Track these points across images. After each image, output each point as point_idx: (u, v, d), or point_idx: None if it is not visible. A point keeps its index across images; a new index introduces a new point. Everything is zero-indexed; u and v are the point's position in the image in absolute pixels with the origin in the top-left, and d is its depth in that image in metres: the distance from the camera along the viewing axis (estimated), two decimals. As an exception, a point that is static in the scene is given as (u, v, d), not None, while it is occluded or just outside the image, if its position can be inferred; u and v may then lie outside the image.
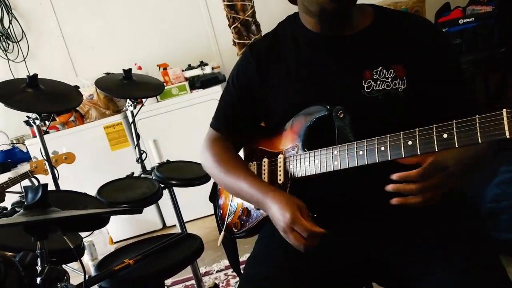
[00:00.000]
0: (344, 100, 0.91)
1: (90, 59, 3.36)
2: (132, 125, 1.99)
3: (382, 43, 0.93)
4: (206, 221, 2.91)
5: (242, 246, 1.26)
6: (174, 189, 1.87)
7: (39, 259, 0.73)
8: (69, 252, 1.02)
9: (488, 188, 1.52)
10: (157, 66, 3.08)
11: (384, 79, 0.91)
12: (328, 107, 0.90)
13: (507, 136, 0.64)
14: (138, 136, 2.00)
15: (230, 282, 2.10)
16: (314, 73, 0.96)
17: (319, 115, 0.92)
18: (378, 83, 0.91)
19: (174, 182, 1.74)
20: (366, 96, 0.91)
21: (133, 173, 1.89)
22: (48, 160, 1.76)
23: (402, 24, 0.95)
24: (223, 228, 1.14)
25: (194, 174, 1.81)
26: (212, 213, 1.23)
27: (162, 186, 1.72)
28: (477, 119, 0.68)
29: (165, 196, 1.79)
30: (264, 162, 1.06)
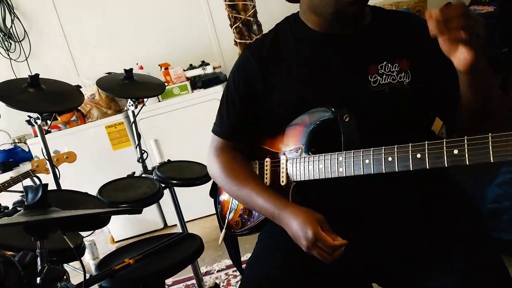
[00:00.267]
0: (351, 97, 0.92)
1: (92, 59, 3.37)
2: (133, 125, 1.99)
3: (384, 39, 0.94)
4: (207, 220, 2.91)
5: (243, 246, 1.26)
6: (175, 188, 1.87)
7: (39, 258, 0.73)
8: (69, 252, 1.03)
9: (489, 188, 1.51)
10: (158, 65, 3.09)
11: (390, 73, 0.91)
12: (333, 110, 0.89)
13: None
14: (139, 136, 2.00)
15: (231, 282, 2.10)
16: (317, 72, 0.96)
17: (324, 118, 0.91)
18: (384, 77, 0.91)
19: (174, 182, 1.75)
20: (374, 91, 0.91)
21: (134, 172, 1.89)
22: (49, 159, 1.76)
23: (402, 21, 0.96)
24: (224, 226, 1.13)
25: (194, 174, 1.81)
26: (213, 212, 1.22)
27: (163, 186, 1.73)
28: (490, 137, 0.66)
29: (166, 195, 1.80)
30: (267, 162, 1.05)
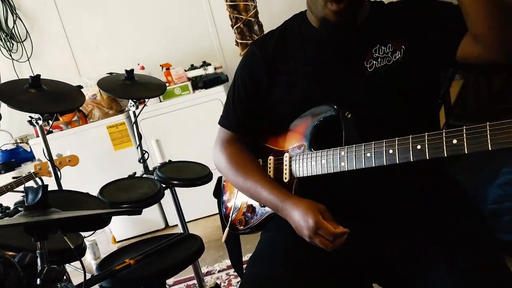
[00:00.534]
0: (351, 91, 0.93)
1: (93, 59, 3.38)
2: (134, 125, 1.99)
3: (379, 28, 0.95)
4: (208, 221, 2.92)
5: (243, 247, 1.26)
6: (176, 189, 1.87)
7: (38, 259, 0.73)
8: (70, 252, 1.03)
9: (490, 189, 1.51)
10: (159, 66, 3.09)
11: (384, 55, 0.92)
12: (336, 107, 0.91)
13: None
14: (140, 136, 2.01)
15: (231, 282, 2.10)
16: (319, 70, 0.98)
17: (326, 115, 0.93)
18: (379, 60, 0.92)
19: (175, 182, 1.75)
20: (370, 75, 0.92)
21: (135, 173, 1.89)
22: (51, 159, 1.76)
23: (399, 7, 0.97)
24: (228, 225, 1.14)
25: (195, 174, 1.81)
26: (214, 213, 1.24)
27: (164, 186, 1.73)
28: (487, 126, 0.67)
29: (167, 196, 1.80)
30: (270, 160, 1.06)
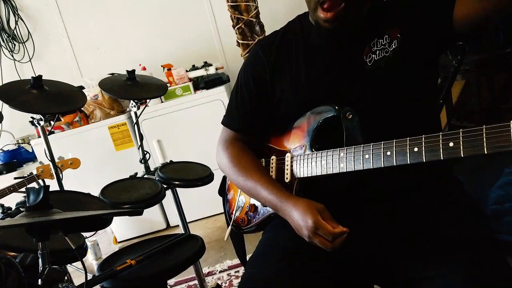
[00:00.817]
0: (351, 89, 0.93)
1: (95, 60, 3.39)
2: (135, 126, 2.00)
3: (375, 21, 0.95)
4: (209, 221, 2.92)
5: (246, 246, 1.26)
6: (178, 189, 1.87)
7: (40, 259, 0.73)
8: (71, 252, 1.03)
9: (492, 190, 1.51)
10: (161, 66, 3.10)
11: (382, 47, 0.93)
12: (337, 107, 0.92)
13: None
14: (142, 137, 2.01)
15: (233, 283, 2.10)
16: (321, 70, 0.98)
17: (327, 115, 0.94)
18: (378, 52, 0.93)
19: (177, 182, 1.75)
20: (371, 69, 0.93)
21: (136, 173, 1.90)
22: (52, 160, 1.77)
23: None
24: (231, 223, 1.15)
25: (197, 175, 1.81)
26: (215, 213, 1.25)
27: (165, 186, 1.73)
28: (484, 129, 0.68)
29: (168, 196, 1.80)
30: (272, 160, 1.07)
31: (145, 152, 2.00)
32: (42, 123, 1.64)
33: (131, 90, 1.89)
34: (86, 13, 3.33)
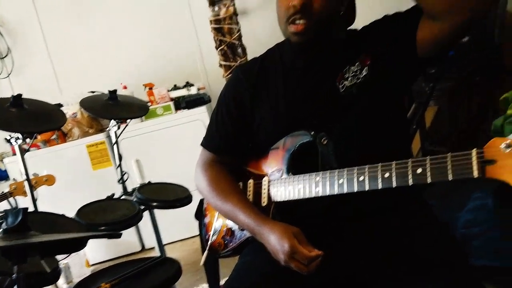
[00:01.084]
0: (326, 114, 0.97)
1: (75, 77, 3.35)
2: (115, 145, 1.99)
3: (349, 47, 1.00)
4: (186, 243, 2.88)
5: (221, 270, 1.26)
6: (155, 210, 1.86)
7: (15, 283, 0.72)
8: (44, 276, 1.01)
9: (460, 214, 1.56)
10: (143, 85, 3.10)
11: (354, 74, 0.97)
12: (312, 133, 0.95)
13: (475, 176, 0.68)
14: (121, 157, 2.00)
15: (209, 306, 2.07)
16: (297, 96, 1.02)
17: (303, 140, 0.97)
18: (350, 79, 0.97)
19: (155, 204, 1.74)
20: (344, 96, 0.97)
21: (113, 194, 1.88)
22: (28, 179, 1.74)
23: (367, 28, 1.02)
24: (207, 247, 1.15)
25: (175, 196, 1.81)
26: (192, 235, 1.25)
27: (143, 207, 1.72)
28: (449, 156, 0.71)
29: (145, 217, 1.79)
30: (250, 184, 1.08)
31: (123, 172, 1.99)
32: (19, 141, 1.62)
33: (112, 110, 1.90)
34: (68, 29, 3.31)
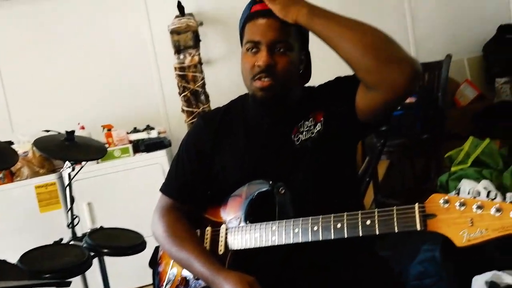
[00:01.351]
0: (282, 166, 1.01)
1: (29, 114, 3.22)
2: (67, 187, 1.91)
3: (305, 103, 1.07)
4: (137, 292, 2.73)
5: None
6: (106, 257, 1.77)
7: None
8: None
9: (412, 265, 1.61)
10: (101, 126, 3.04)
11: (308, 129, 1.03)
12: (271, 182, 0.98)
13: (418, 229, 0.74)
14: (73, 200, 1.92)
15: None
16: (256, 147, 1.06)
17: (261, 189, 1.00)
18: (304, 133, 1.03)
19: (105, 250, 1.66)
20: (299, 149, 1.02)
21: (61, 239, 1.78)
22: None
23: (321, 86, 1.10)
24: None
25: (128, 243, 1.74)
26: (145, 284, 1.20)
27: (93, 254, 1.63)
28: (395, 209, 0.78)
29: (94, 264, 1.69)
30: (207, 231, 1.08)
31: (74, 216, 1.90)
32: (-38, 180, 1.52)
33: (68, 151, 1.84)
34: (24, 65, 3.23)
